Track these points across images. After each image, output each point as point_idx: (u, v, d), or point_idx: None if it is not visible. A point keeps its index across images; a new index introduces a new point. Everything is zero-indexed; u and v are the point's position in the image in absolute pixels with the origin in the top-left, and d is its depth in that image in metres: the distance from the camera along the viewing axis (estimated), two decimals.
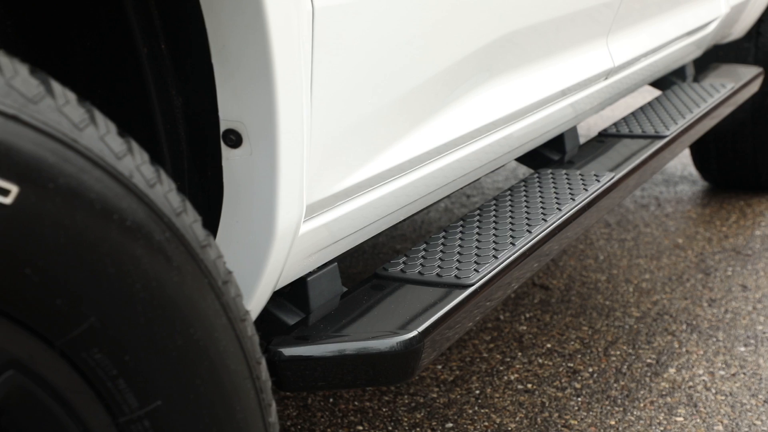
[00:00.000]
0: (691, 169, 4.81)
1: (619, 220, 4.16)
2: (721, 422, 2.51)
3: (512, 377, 2.78)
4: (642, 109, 3.01)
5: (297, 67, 1.28)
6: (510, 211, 2.10)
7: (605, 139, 2.75)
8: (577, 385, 2.73)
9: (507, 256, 1.85)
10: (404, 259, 1.83)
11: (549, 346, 2.98)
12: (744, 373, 2.76)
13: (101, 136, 0.92)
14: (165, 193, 0.98)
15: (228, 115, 1.27)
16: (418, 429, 2.51)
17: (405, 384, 2.74)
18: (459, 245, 1.90)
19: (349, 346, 1.52)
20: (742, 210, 4.25)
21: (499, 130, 2.11)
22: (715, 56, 4.21)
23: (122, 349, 0.94)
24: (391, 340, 1.53)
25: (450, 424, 2.53)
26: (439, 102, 1.84)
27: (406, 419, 2.56)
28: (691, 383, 2.71)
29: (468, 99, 1.97)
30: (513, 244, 1.90)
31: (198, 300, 1.00)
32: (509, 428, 2.51)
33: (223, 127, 1.28)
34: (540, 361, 2.88)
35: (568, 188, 2.23)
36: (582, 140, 2.81)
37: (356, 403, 2.64)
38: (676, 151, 2.76)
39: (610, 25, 2.53)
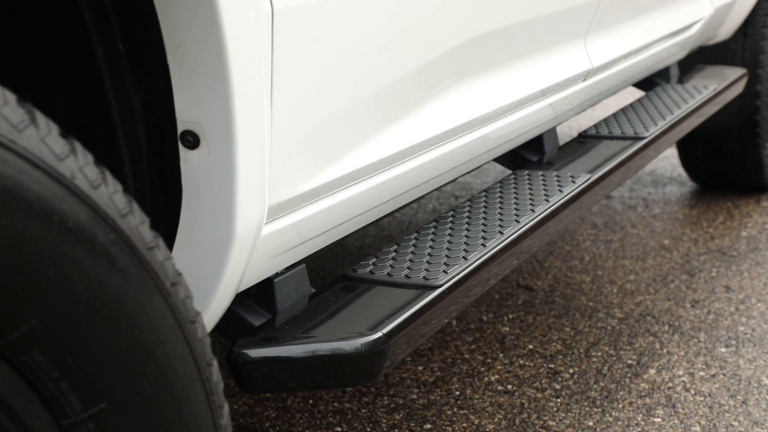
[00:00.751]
0: (680, 171, 4.81)
1: (606, 221, 4.16)
2: (699, 423, 2.51)
3: (493, 378, 2.78)
4: (623, 110, 3.01)
5: (255, 68, 1.28)
6: (483, 212, 2.10)
7: (585, 140, 2.75)
8: (557, 386, 2.73)
9: (477, 257, 1.85)
10: (374, 260, 1.83)
11: (531, 347, 2.98)
12: (724, 374, 2.76)
13: (42, 138, 0.92)
14: (110, 194, 0.98)
15: (185, 117, 1.27)
16: (396, 430, 2.51)
17: (385, 385, 2.74)
18: (430, 246, 1.90)
19: (313, 348, 1.52)
20: (730, 211, 4.25)
21: (473, 132, 2.11)
22: (703, 57, 4.22)
23: (64, 351, 0.94)
24: (355, 341, 1.53)
25: (428, 426, 2.53)
26: (411, 102, 1.84)
27: (385, 420, 2.56)
28: (670, 384, 2.71)
29: (441, 99, 1.97)
30: (484, 245, 1.90)
31: (144, 302, 1.00)
32: (487, 429, 2.51)
33: (180, 129, 1.28)
34: (521, 362, 2.88)
35: (543, 189, 2.23)
36: (567, 141, 2.81)
37: (335, 404, 2.64)
38: (656, 153, 2.76)
39: (588, 27, 2.53)
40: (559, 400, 2.65)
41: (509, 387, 2.73)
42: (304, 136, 1.49)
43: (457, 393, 2.70)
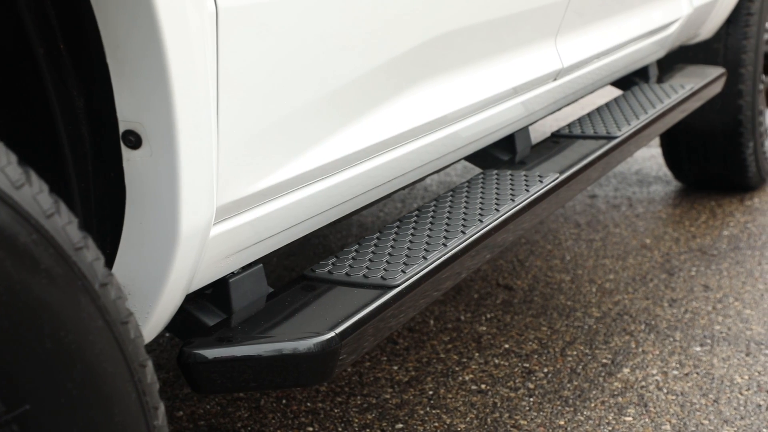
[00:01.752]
0: (666, 170, 4.81)
1: (589, 221, 4.17)
2: (670, 422, 2.51)
3: (467, 378, 2.78)
4: (598, 109, 3.01)
5: (198, 68, 1.29)
6: (448, 211, 2.10)
7: (558, 139, 2.75)
8: (531, 386, 2.73)
9: (437, 257, 1.85)
10: (334, 260, 1.84)
11: (507, 346, 2.99)
12: (697, 373, 2.76)
13: None
14: (34, 194, 0.98)
15: (126, 116, 1.27)
16: (368, 430, 2.51)
17: (359, 385, 2.74)
18: (391, 246, 1.90)
19: (264, 348, 1.52)
20: (713, 210, 4.25)
21: (437, 131, 2.11)
22: (685, 57, 4.22)
23: None
24: (307, 341, 1.53)
25: (400, 425, 2.53)
26: (371, 101, 1.84)
27: (357, 420, 2.56)
28: (643, 383, 2.71)
29: (403, 99, 1.97)
30: (445, 245, 1.90)
31: (70, 303, 1.00)
32: (459, 429, 2.51)
33: (122, 128, 1.28)
34: (496, 361, 2.88)
35: (510, 189, 2.23)
36: (540, 140, 2.81)
37: (308, 404, 2.64)
38: (629, 152, 2.76)
39: (558, 27, 2.53)
40: (531, 399, 2.65)
41: (483, 386, 2.73)
42: (254, 136, 1.49)
43: (431, 393, 2.70)
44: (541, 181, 2.29)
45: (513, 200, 2.16)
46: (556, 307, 3.26)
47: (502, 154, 2.60)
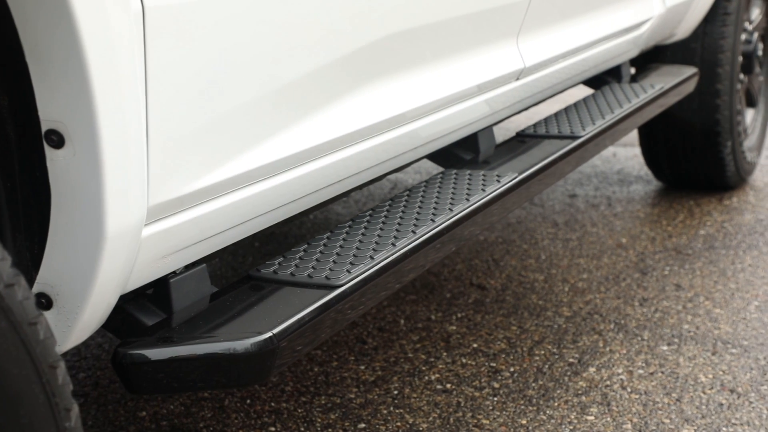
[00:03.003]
0: (648, 169, 4.81)
1: (567, 220, 4.17)
2: (631, 421, 2.51)
3: (433, 377, 2.79)
4: (566, 109, 3.02)
5: (122, 67, 1.29)
6: (402, 211, 2.10)
7: (523, 139, 2.76)
8: (496, 385, 2.73)
9: (384, 257, 1.86)
10: (280, 259, 1.84)
11: (475, 345, 2.99)
12: (662, 372, 2.77)
13: None
14: None
15: (48, 115, 1.28)
16: (330, 430, 2.51)
17: (325, 384, 2.75)
18: (340, 246, 1.91)
19: (201, 348, 1.52)
20: (691, 210, 4.25)
21: (392, 130, 2.11)
22: (663, 56, 4.22)
23: None
24: (244, 342, 1.53)
25: (362, 425, 2.54)
26: (320, 100, 1.85)
27: (319, 420, 2.56)
28: (608, 382, 2.72)
29: (356, 96, 1.97)
30: (393, 244, 1.91)
31: None
32: (421, 428, 2.51)
33: (44, 128, 1.29)
34: (464, 360, 2.89)
35: (467, 189, 2.24)
36: (504, 140, 2.82)
37: (272, 404, 2.65)
38: (593, 152, 2.76)
39: (519, 26, 2.54)
40: (496, 398, 2.66)
41: (448, 386, 2.73)
42: (188, 136, 1.49)
43: (396, 392, 2.70)
44: (498, 181, 2.29)
45: (468, 200, 2.16)
46: (527, 307, 3.27)
47: (465, 154, 2.60)
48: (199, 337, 1.56)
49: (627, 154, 5.28)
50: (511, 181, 2.31)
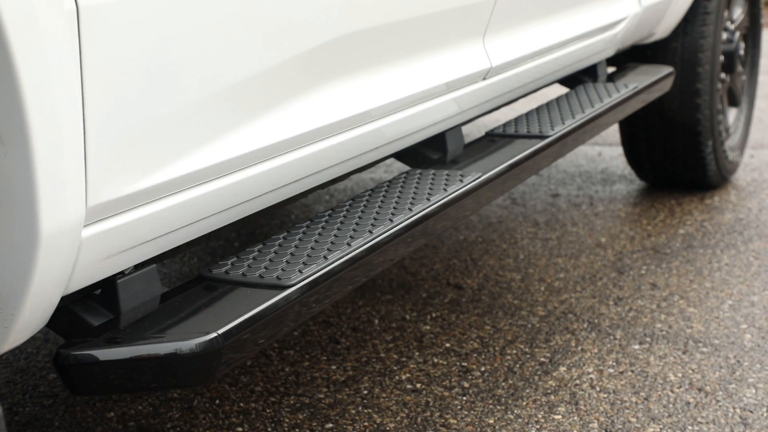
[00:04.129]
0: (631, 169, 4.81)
1: (548, 220, 4.17)
2: (598, 420, 2.52)
3: (404, 377, 2.79)
4: (538, 108, 3.02)
5: (54, 67, 1.29)
6: (361, 211, 2.10)
7: (492, 138, 2.76)
8: (466, 384, 2.73)
9: (338, 257, 1.86)
10: (234, 260, 1.84)
11: (448, 345, 2.99)
12: (632, 371, 2.77)
13: None
14: None
15: None
16: (298, 430, 2.52)
17: (295, 384, 2.75)
18: (295, 246, 1.91)
19: (145, 349, 1.53)
20: (672, 209, 4.26)
21: (354, 129, 2.11)
22: (643, 55, 4.23)
23: None
24: (189, 342, 1.54)
25: (330, 425, 2.54)
26: (275, 99, 1.84)
27: (287, 420, 2.57)
28: (578, 381, 2.72)
29: (314, 95, 1.97)
30: (349, 244, 1.91)
31: None
32: (388, 428, 2.52)
33: None
34: (435, 360, 2.89)
35: (429, 188, 2.24)
36: (473, 140, 2.82)
37: (241, 404, 2.65)
38: (562, 151, 2.76)
39: (485, 26, 2.54)
40: (464, 398, 2.66)
41: (418, 386, 2.74)
42: (130, 136, 1.50)
43: (366, 392, 2.71)
44: (461, 181, 2.29)
45: (428, 200, 2.17)
46: (502, 306, 3.27)
47: (432, 153, 2.61)
48: (145, 337, 1.56)
49: (612, 154, 5.29)
50: (474, 181, 2.31)
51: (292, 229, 2.01)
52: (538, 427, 2.50)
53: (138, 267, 1.69)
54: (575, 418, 2.53)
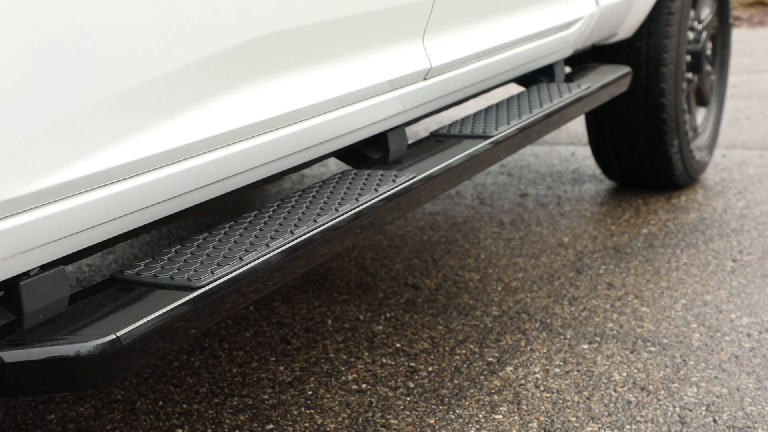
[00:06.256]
0: None
1: (513, 220, 4.17)
2: (538, 419, 2.52)
3: (350, 377, 2.79)
4: (487, 108, 3.02)
5: None
6: (288, 211, 2.10)
7: (438, 138, 2.76)
8: (411, 385, 2.73)
9: (254, 258, 1.85)
10: (148, 260, 1.84)
11: (398, 345, 2.99)
12: (578, 371, 2.77)
13: None
14: None
15: None
16: (238, 431, 2.52)
17: (240, 385, 2.75)
18: (213, 246, 1.91)
19: (43, 351, 1.53)
20: (638, 209, 4.25)
21: (280, 129, 2.11)
22: (608, 55, 4.22)
23: None
24: (87, 344, 1.53)
25: (270, 426, 2.54)
26: (188, 98, 1.84)
27: (228, 421, 2.57)
28: (522, 381, 2.72)
29: (236, 94, 1.95)
30: (267, 245, 1.91)
31: None
32: (329, 429, 2.51)
33: None
34: (384, 360, 2.89)
35: (360, 189, 2.24)
36: (417, 139, 2.82)
37: (184, 405, 2.65)
38: (507, 152, 2.76)
39: (424, 26, 2.54)
40: (408, 398, 2.66)
41: (363, 386, 2.74)
42: (21, 137, 1.49)
43: (310, 393, 2.71)
44: (394, 181, 2.29)
45: (357, 200, 2.16)
46: (457, 306, 3.27)
47: (373, 153, 2.60)
48: (45, 340, 1.56)
49: (586, 153, 5.29)
50: (407, 181, 2.31)
51: (214, 229, 2.01)
52: (477, 426, 2.50)
53: (45, 268, 1.68)
54: (516, 417, 2.53)
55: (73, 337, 1.56)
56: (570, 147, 5.43)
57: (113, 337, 1.55)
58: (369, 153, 2.62)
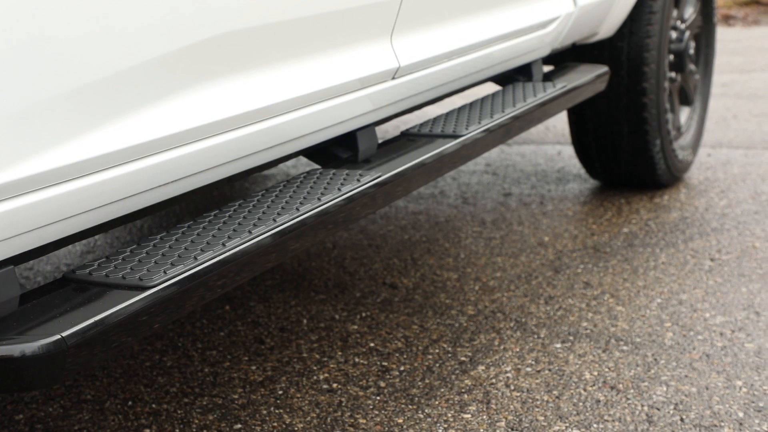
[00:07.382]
0: None
1: (495, 219, 4.17)
2: (506, 418, 2.51)
3: (321, 377, 2.79)
4: (461, 107, 3.01)
5: None
6: (249, 211, 2.10)
7: (408, 137, 2.75)
8: (382, 384, 2.73)
9: (209, 257, 1.85)
10: (102, 260, 1.84)
11: (372, 345, 2.99)
12: (549, 370, 2.76)
13: None
14: None
15: None
16: (206, 431, 2.51)
17: (211, 385, 2.75)
18: (169, 246, 1.90)
19: None
20: (620, 208, 4.25)
21: (244, 127, 2.10)
22: (590, 55, 4.22)
23: None
24: (32, 344, 1.53)
25: (239, 425, 2.54)
26: (143, 97, 1.84)
27: (197, 421, 2.56)
28: (493, 380, 2.72)
29: (198, 92, 1.94)
30: (224, 245, 1.90)
31: None
32: (296, 428, 2.51)
33: None
34: (356, 360, 2.89)
35: (323, 188, 2.24)
36: (388, 139, 2.81)
37: (154, 405, 2.65)
38: (478, 151, 2.76)
39: (392, 25, 2.53)
40: (378, 398, 2.66)
41: (334, 385, 2.73)
42: None
43: (281, 392, 2.70)
44: (358, 181, 2.29)
45: (319, 200, 2.16)
46: (433, 306, 3.27)
47: (342, 152, 2.60)
48: None
49: (572, 153, 5.28)
50: (371, 181, 2.31)
51: (172, 229, 2.01)
52: (446, 426, 2.49)
53: None
54: (484, 416, 2.53)
55: (20, 338, 1.56)
56: (557, 146, 5.43)
57: (58, 337, 1.55)
58: (338, 152, 2.62)
